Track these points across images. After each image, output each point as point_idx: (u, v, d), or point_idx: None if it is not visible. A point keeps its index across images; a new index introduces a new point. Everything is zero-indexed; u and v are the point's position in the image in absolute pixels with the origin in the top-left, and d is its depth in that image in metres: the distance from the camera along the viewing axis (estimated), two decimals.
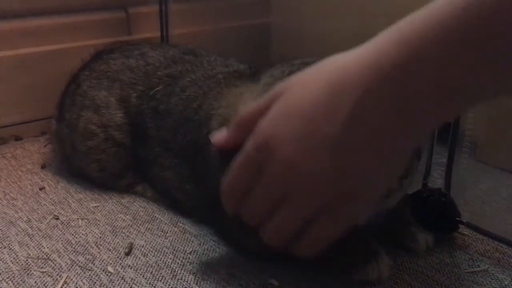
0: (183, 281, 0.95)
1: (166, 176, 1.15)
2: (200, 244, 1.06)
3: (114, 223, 1.14)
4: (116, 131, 1.22)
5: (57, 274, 0.96)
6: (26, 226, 1.12)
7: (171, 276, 0.96)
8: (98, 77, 1.28)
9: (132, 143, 1.22)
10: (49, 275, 0.96)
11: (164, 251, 1.04)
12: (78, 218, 1.16)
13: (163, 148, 1.15)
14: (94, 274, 0.97)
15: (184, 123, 1.11)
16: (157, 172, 1.18)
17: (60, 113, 1.33)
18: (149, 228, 1.12)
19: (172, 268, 0.99)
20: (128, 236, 1.09)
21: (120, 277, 0.96)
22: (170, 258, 1.02)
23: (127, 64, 1.28)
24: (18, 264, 0.99)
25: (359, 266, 0.93)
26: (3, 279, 0.95)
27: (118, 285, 0.94)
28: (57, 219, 1.15)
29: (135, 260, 1.01)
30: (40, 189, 1.29)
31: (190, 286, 0.94)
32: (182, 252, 1.04)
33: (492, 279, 0.95)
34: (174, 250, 1.04)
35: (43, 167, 1.40)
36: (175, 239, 1.08)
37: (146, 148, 1.18)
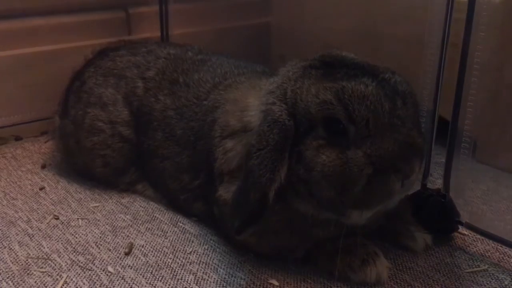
0: (183, 281, 0.95)
1: (165, 166, 1.16)
2: (200, 244, 1.06)
3: (114, 223, 1.14)
4: (123, 127, 1.23)
5: (57, 274, 0.97)
6: (26, 226, 1.12)
7: (171, 276, 0.96)
8: (105, 74, 1.30)
9: (137, 137, 1.23)
10: (49, 275, 0.96)
11: (164, 251, 1.04)
12: (78, 218, 1.16)
13: (165, 135, 1.17)
14: (94, 274, 0.97)
15: (191, 106, 1.14)
16: (156, 163, 1.19)
17: (64, 110, 1.34)
18: (149, 228, 1.12)
19: (172, 268, 0.99)
20: (128, 236, 1.09)
21: (120, 277, 0.96)
22: (170, 258, 1.02)
23: (133, 61, 1.30)
24: (18, 264, 0.99)
25: (357, 268, 0.93)
26: (3, 279, 0.95)
27: (118, 285, 0.94)
28: (57, 219, 1.15)
29: (135, 260, 1.01)
30: (40, 189, 1.29)
31: (190, 286, 0.94)
32: (182, 252, 1.04)
33: (492, 279, 0.95)
34: (174, 250, 1.04)
35: (43, 167, 1.40)
36: (175, 239, 1.08)
37: (149, 137, 1.20)
